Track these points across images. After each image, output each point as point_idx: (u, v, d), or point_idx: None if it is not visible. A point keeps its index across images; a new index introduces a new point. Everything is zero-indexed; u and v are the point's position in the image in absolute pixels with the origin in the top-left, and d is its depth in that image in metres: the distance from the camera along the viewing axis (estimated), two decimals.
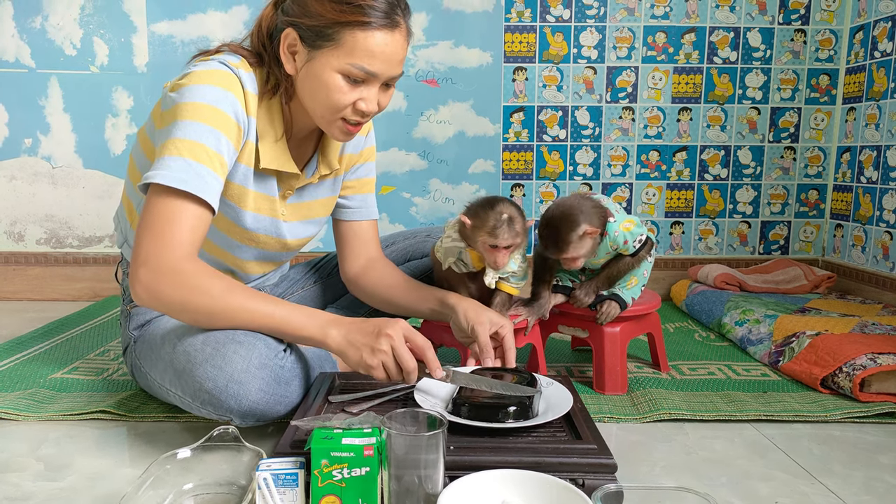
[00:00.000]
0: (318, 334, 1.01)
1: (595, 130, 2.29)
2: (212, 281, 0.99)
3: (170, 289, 0.97)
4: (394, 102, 2.26)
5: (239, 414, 1.02)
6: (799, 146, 2.31)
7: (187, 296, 0.98)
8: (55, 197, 2.27)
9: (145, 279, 0.97)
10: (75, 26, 2.19)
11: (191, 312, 1.00)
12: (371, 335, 0.99)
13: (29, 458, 1.06)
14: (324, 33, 1.03)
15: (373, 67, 1.04)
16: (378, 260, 1.36)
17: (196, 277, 0.98)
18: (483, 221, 1.17)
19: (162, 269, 0.97)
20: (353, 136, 1.13)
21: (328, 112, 1.08)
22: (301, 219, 1.27)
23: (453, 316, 1.21)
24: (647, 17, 2.23)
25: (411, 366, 0.98)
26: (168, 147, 1.00)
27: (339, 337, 1.00)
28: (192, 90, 1.03)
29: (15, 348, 1.62)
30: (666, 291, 2.32)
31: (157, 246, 0.98)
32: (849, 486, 0.99)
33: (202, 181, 1.00)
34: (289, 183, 1.20)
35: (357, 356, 0.99)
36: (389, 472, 0.78)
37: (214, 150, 1.02)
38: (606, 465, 0.87)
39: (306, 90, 1.08)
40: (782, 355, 1.50)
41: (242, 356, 1.00)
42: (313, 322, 1.02)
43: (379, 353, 0.98)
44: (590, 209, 1.23)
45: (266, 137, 1.12)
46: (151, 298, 0.99)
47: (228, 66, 1.07)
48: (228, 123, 1.04)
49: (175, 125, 1.01)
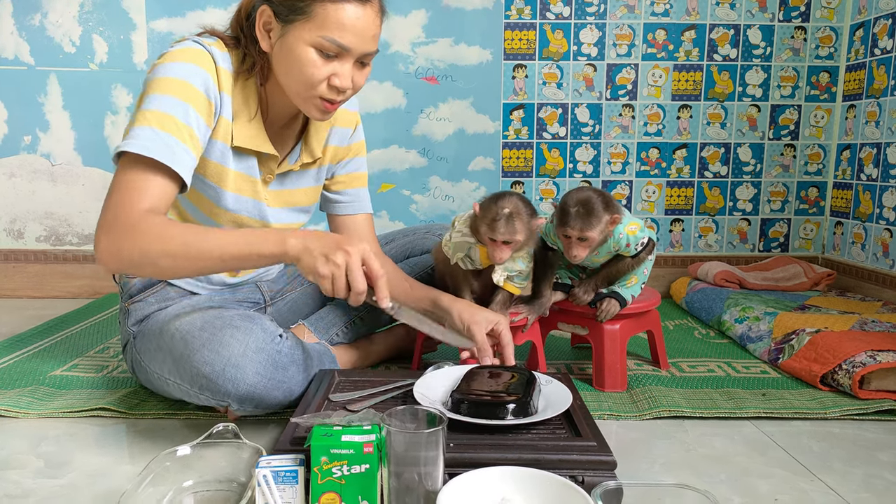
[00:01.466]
0: (278, 246, 0.98)
1: (595, 128, 2.29)
2: (172, 227, 0.99)
3: (128, 243, 0.96)
4: (394, 100, 2.26)
5: (236, 398, 1.03)
6: (799, 143, 2.31)
7: (145, 245, 0.96)
8: (55, 194, 2.27)
9: (105, 242, 0.97)
10: (74, 23, 2.18)
11: (152, 259, 0.97)
12: (329, 246, 0.97)
13: (29, 455, 1.06)
14: (296, 7, 1.04)
15: (344, 40, 1.04)
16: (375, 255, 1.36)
17: (153, 227, 0.97)
18: (486, 213, 1.19)
19: (119, 228, 0.97)
20: (330, 114, 1.12)
21: (303, 88, 1.08)
22: (284, 206, 1.27)
23: (447, 318, 1.22)
24: (647, 14, 2.23)
25: (360, 287, 0.96)
26: (137, 118, 1.02)
27: (297, 244, 0.98)
28: (163, 67, 1.05)
29: (14, 345, 1.62)
30: (666, 289, 2.32)
31: (118, 211, 0.98)
32: (848, 483, 0.99)
33: (170, 150, 1.00)
34: (269, 166, 1.20)
35: (311, 262, 0.96)
36: (389, 469, 0.78)
37: (182, 121, 1.03)
38: (606, 462, 0.87)
39: (281, 66, 1.09)
40: (782, 353, 1.50)
41: (239, 340, 1.02)
42: (273, 237, 0.99)
43: (331, 265, 0.95)
44: (613, 200, 1.25)
45: (240, 117, 1.13)
46: (112, 259, 0.98)
47: (201, 44, 1.09)
48: (198, 97, 1.05)
49: (145, 99, 1.03)
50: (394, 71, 2.24)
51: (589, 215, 1.20)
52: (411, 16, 2.21)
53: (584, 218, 1.20)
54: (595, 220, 1.21)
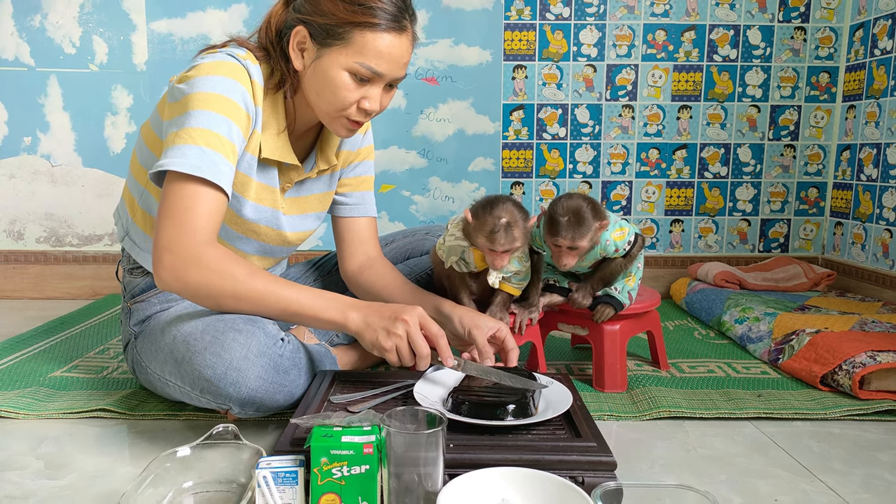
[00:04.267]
0: (339, 317, 1.03)
1: (595, 128, 2.29)
2: (235, 265, 1.02)
3: (195, 274, 0.99)
4: (394, 101, 2.25)
5: (238, 402, 1.03)
6: (799, 144, 2.31)
7: (213, 280, 1.00)
8: (55, 195, 2.27)
9: (170, 264, 0.99)
10: (74, 24, 2.19)
11: (216, 296, 1.02)
12: (388, 319, 1.01)
13: (29, 456, 1.06)
14: (334, 32, 1.06)
15: (379, 67, 1.07)
16: (377, 259, 1.37)
17: (220, 262, 1.00)
18: (482, 224, 1.17)
19: (186, 255, 0.99)
20: (354, 132, 1.16)
21: (333, 109, 1.11)
22: (298, 213, 1.28)
23: (448, 324, 1.22)
24: (647, 14, 2.23)
25: (424, 352, 1.01)
26: (182, 136, 1.02)
27: (358, 319, 1.03)
28: (202, 81, 1.05)
29: (15, 346, 1.62)
30: (666, 289, 2.32)
31: (179, 232, 1.00)
32: (848, 483, 0.99)
33: (216, 168, 1.02)
34: (288, 175, 1.22)
35: (373, 337, 1.02)
36: (389, 469, 0.78)
37: (227, 138, 1.04)
38: (606, 462, 0.87)
39: (313, 86, 1.11)
40: (782, 353, 1.50)
41: (241, 344, 1.02)
42: (334, 305, 1.04)
43: (394, 337, 1.00)
44: (600, 207, 1.25)
45: (269, 129, 1.14)
46: (177, 283, 1.00)
47: (236, 58, 1.09)
48: (239, 112, 1.06)
49: (187, 115, 1.03)
50: None
51: (580, 225, 1.20)
52: None
53: (574, 228, 1.20)
54: (585, 230, 1.20)
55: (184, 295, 1.03)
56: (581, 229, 1.20)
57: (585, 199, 1.23)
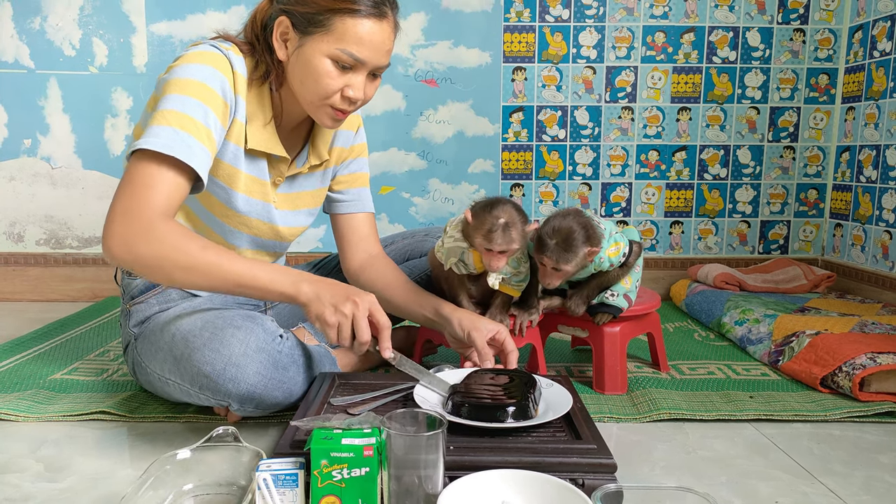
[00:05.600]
0: (291, 289, 1.02)
1: (594, 130, 2.29)
2: (188, 239, 1.00)
3: (145, 244, 0.97)
4: (393, 102, 2.26)
5: (237, 398, 1.04)
6: (798, 146, 2.31)
7: (164, 251, 0.97)
8: (55, 197, 2.27)
9: (121, 232, 0.97)
10: (74, 27, 2.19)
11: (167, 269, 0.98)
12: (339, 297, 1.02)
13: (29, 458, 1.06)
14: (315, 20, 1.07)
15: (360, 54, 1.08)
16: (378, 257, 1.37)
17: (172, 234, 0.98)
18: (480, 223, 1.17)
19: (138, 226, 0.97)
20: (340, 122, 1.16)
21: (317, 97, 1.11)
22: (291, 208, 1.29)
23: (448, 326, 1.23)
24: (647, 16, 2.23)
25: (364, 337, 1.01)
26: (156, 118, 1.03)
27: (309, 291, 1.02)
28: (181, 68, 1.07)
29: (15, 349, 1.62)
30: (665, 291, 2.32)
31: (134, 203, 0.98)
32: (849, 485, 0.99)
33: (188, 149, 1.01)
34: (279, 168, 1.22)
35: (319, 309, 1.01)
36: (389, 472, 0.78)
37: (202, 122, 1.04)
38: (606, 464, 0.87)
39: (296, 75, 1.11)
40: (782, 355, 1.50)
41: (240, 340, 1.03)
42: (288, 278, 1.03)
43: (339, 314, 1.01)
44: (594, 231, 1.22)
45: (255, 121, 1.15)
46: (126, 253, 0.97)
47: (218, 48, 1.11)
48: (215, 99, 1.07)
49: (163, 99, 1.04)
50: (393, 73, 2.24)
51: (566, 250, 1.18)
52: (411, 18, 2.22)
53: (560, 252, 1.19)
54: (572, 256, 1.19)
55: (133, 267, 0.99)
56: (567, 255, 1.19)
57: (579, 222, 1.21)
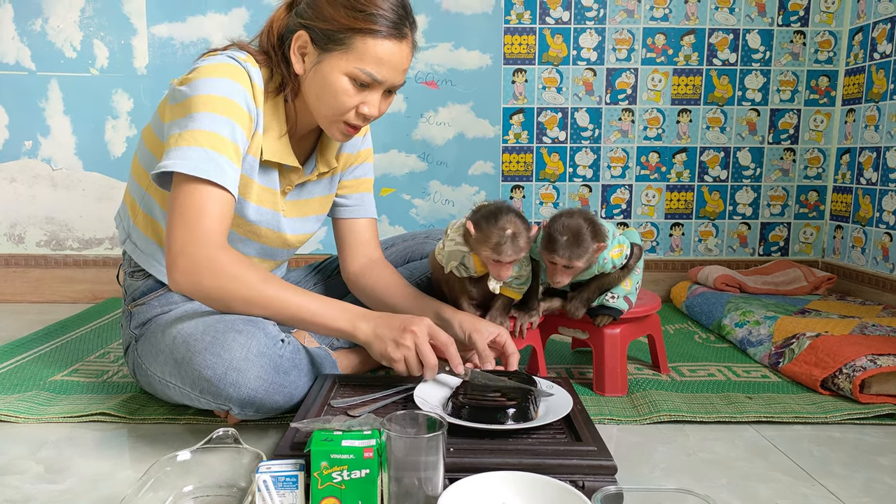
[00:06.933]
0: (348, 326, 1.05)
1: (595, 132, 2.29)
2: (248, 270, 1.04)
3: (208, 278, 1.01)
4: (394, 104, 2.26)
5: (238, 402, 1.04)
6: (798, 148, 2.31)
7: (225, 284, 1.02)
8: (55, 199, 2.27)
9: (184, 267, 1.01)
10: (75, 29, 2.19)
11: (228, 300, 1.04)
12: (397, 329, 1.03)
13: (29, 460, 1.06)
14: (335, 37, 1.07)
15: (379, 74, 1.08)
16: (378, 261, 1.37)
17: (232, 266, 1.02)
18: (486, 237, 1.16)
19: (200, 259, 1.01)
20: (351, 137, 1.17)
21: (332, 113, 1.12)
22: (299, 215, 1.29)
23: (448, 329, 1.23)
24: (647, 18, 2.24)
25: (432, 362, 1.03)
26: (185, 137, 1.03)
27: (367, 329, 1.05)
28: (203, 83, 1.05)
29: (15, 350, 1.62)
30: (666, 293, 2.32)
31: (191, 235, 1.01)
32: (849, 487, 0.99)
33: (221, 170, 1.03)
34: (289, 178, 1.23)
35: (382, 348, 1.04)
36: (389, 474, 0.78)
37: (230, 139, 1.05)
38: (606, 466, 0.87)
39: (313, 90, 1.12)
40: (782, 357, 1.50)
41: (241, 344, 1.03)
42: (344, 315, 1.06)
43: (402, 348, 1.02)
44: (600, 227, 1.24)
45: (270, 132, 1.15)
46: (190, 286, 1.02)
47: (236, 60, 1.10)
48: (241, 114, 1.07)
49: (190, 117, 1.04)
50: None
51: (578, 245, 1.19)
52: None
53: (572, 248, 1.19)
54: (583, 251, 1.20)
55: (196, 297, 1.04)
56: (578, 250, 1.19)
57: (586, 219, 1.22)
